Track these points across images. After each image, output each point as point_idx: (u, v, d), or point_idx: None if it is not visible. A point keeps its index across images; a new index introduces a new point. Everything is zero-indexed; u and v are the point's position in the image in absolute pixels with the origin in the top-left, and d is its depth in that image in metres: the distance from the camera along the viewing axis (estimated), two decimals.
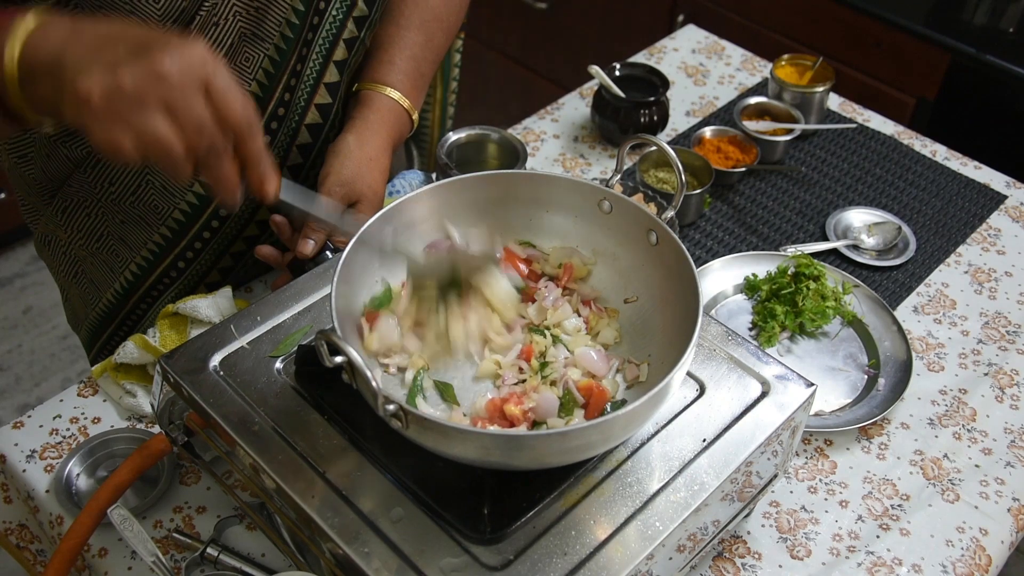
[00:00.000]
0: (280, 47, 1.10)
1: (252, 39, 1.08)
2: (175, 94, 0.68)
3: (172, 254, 1.22)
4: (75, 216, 1.23)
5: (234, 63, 1.08)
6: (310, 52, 1.14)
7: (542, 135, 1.62)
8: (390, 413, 0.73)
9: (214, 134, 0.70)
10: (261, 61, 1.10)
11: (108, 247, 1.23)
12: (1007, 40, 1.98)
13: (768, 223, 1.46)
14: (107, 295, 1.27)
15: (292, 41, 1.11)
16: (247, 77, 1.10)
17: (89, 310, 1.31)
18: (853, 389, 1.21)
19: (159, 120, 0.68)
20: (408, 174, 1.38)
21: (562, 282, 0.97)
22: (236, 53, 1.08)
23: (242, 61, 1.09)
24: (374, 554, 0.76)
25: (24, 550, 1.15)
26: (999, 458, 1.15)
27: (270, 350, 0.92)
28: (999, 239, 1.46)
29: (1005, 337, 1.30)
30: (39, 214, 1.29)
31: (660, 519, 0.80)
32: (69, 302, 1.38)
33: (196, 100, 0.69)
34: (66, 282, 1.34)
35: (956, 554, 1.05)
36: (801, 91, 1.59)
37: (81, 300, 1.32)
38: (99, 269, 1.26)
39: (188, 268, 1.24)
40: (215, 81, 0.70)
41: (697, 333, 0.79)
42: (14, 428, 1.11)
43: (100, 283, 1.27)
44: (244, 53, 1.08)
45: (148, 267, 1.23)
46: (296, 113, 1.17)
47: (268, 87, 1.12)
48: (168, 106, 0.68)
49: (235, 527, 1.01)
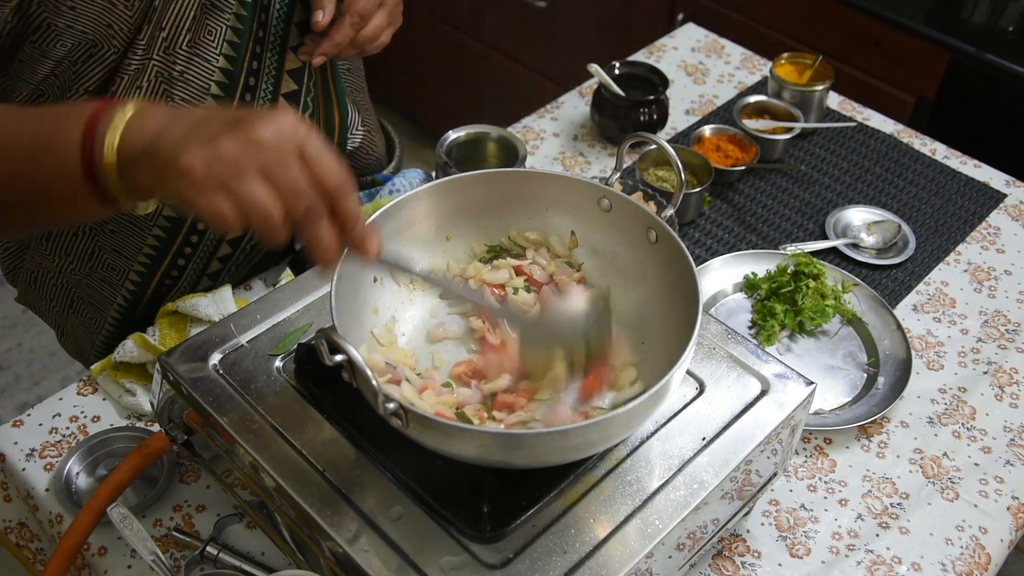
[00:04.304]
0: (240, 14, 1.10)
1: (212, 11, 1.09)
2: (271, 159, 0.69)
3: (171, 252, 1.21)
4: (62, 240, 1.22)
5: (199, 37, 1.08)
6: (268, 18, 1.13)
7: (542, 134, 1.62)
8: (390, 412, 0.73)
9: (311, 197, 0.71)
10: (224, 33, 1.10)
11: (102, 262, 1.22)
12: (1007, 39, 1.98)
13: (768, 222, 1.46)
14: (111, 313, 1.26)
15: (250, 6, 1.11)
16: (213, 52, 1.10)
17: (94, 336, 1.30)
18: (853, 388, 1.21)
19: (258, 186, 0.69)
20: (408, 172, 1.38)
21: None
22: (200, 27, 1.08)
23: (206, 35, 1.09)
24: (373, 552, 0.76)
25: (24, 549, 1.15)
26: (998, 456, 1.15)
27: (270, 348, 0.92)
28: (999, 238, 1.46)
29: (1004, 336, 1.30)
30: (21, 255, 1.27)
31: (660, 517, 0.80)
32: (68, 336, 1.36)
33: (292, 164, 0.70)
34: (61, 316, 1.32)
35: (955, 552, 1.05)
36: (801, 89, 1.59)
37: (83, 328, 1.30)
38: (96, 289, 1.25)
39: (188, 264, 1.23)
40: (308, 145, 0.71)
41: (697, 331, 0.79)
42: (14, 427, 1.11)
43: (101, 303, 1.26)
44: (207, 26, 1.09)
45: (148, 272, 1.22)
46: (269, 83, 1.16)
47: (235, 59, 1.12)
48: (265, 172, 0.69)
49: (235, 526, 1.02)
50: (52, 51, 1.02)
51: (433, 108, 3.23)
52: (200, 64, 1.09)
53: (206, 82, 1.10)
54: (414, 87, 3.22)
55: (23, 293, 1.34)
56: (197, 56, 1.09)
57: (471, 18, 2.92)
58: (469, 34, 2.96)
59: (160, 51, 1.06)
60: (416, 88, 3.22)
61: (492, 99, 3.05)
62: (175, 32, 1.06)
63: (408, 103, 3.29)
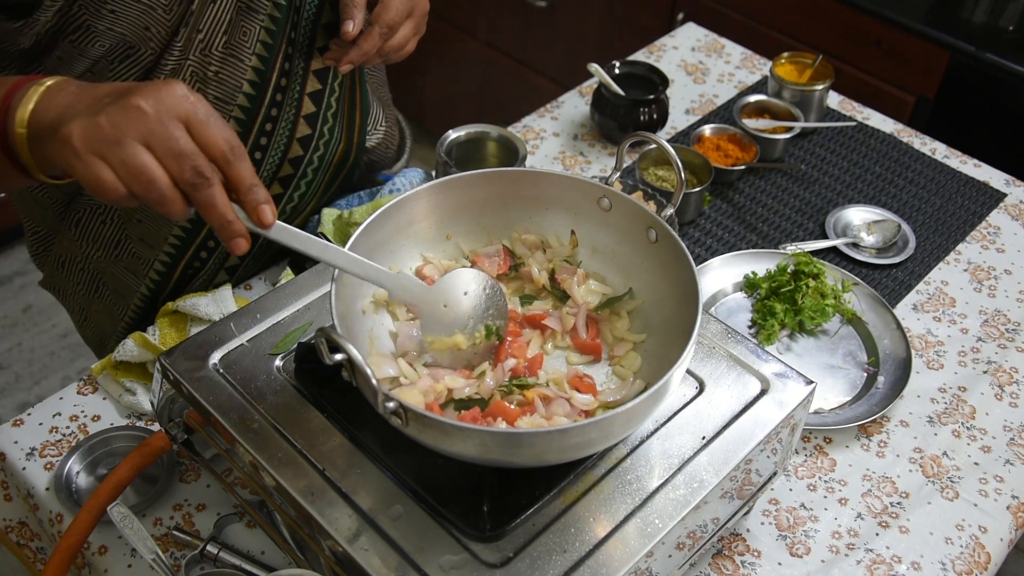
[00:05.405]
0: (274, 16, 1.11)
1: (247, 12, 1.10)
2: (152, 126, 0.70)
3: (194, 244, 1.22)
4: (90, 226, 1.23)
5: (234, 38, 1.10)
6: (300, 20, 1.15)
7: (542, 133, 1.62)
8: (390, 411, 0.73)
9: (197, 161, 0.72)
10: (258, 34, 1.12)
11: (128, 251, 1.24)
12: (1007, 38, 1.98)
13: (767, 221, 1.46)
14: (134, 301, 1.27)
15: (284, 8, 1.12)
16: (247, 52, 1.12)
17: (117, 323, 1.31)
18: (852, 387, 1.21)
19: (137, 151, 0.70)
20: (409, 172, 1.38)
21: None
22: (235, 28, 1.10)
23: (240, 36, 1.11)
24: (373, 551, 0.76)
25: (24, 548, 1.15)
26: (998, 456, 1.15)
27: (270, 348, 0.92)
28: (998, 237, 1.46)
29: (1004, 335, 1.30)
30: (50, 240, 1.29)
31: (659, 517, 0.80)
32: (90, 321, 1.37)
33: (175, 130, 0.71)
34: (86, 301, 1.33)
35: (955, 552, 1.05)
36: (801, 89, 1.59)
37: (107, 314, 1.32)
38: (121, 278, 1.27)
39: (211, 257, 1.25)
40: (194, 112, 0.72)
41: (696, 331, 0.79)
42: (14, 426, 1.11)
43: (125, 291, 1.28)
44: (242, 27, 1.10)
45: (172, 262, 1.24)
46: (296, 83, 1.18)
47: (268, 59, 1.13)
48: (146, 139, 0.70)
49: (235, 525, 1.02)
50: (90, 51, 1.03)
51: (433, 108, 3.23)
52: (234, 64, 1.11)
53: (239, 81, 1.12)
54: (414, 86, 3.22)
55: (49, 277, 1.36)
56: (232, 56, 1.11)
57: (471, 17, 2.92)
58: (469, 33, 2.96)
59: (197, 52, 1.08)
60: (416, 88, 3.22)
61: (492, 99, 3.05)
62: (211, 34, 1.08)
63: (408, 102, 3.29)
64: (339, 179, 1.33)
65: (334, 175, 1.31)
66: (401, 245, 0.95)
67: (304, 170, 1.25)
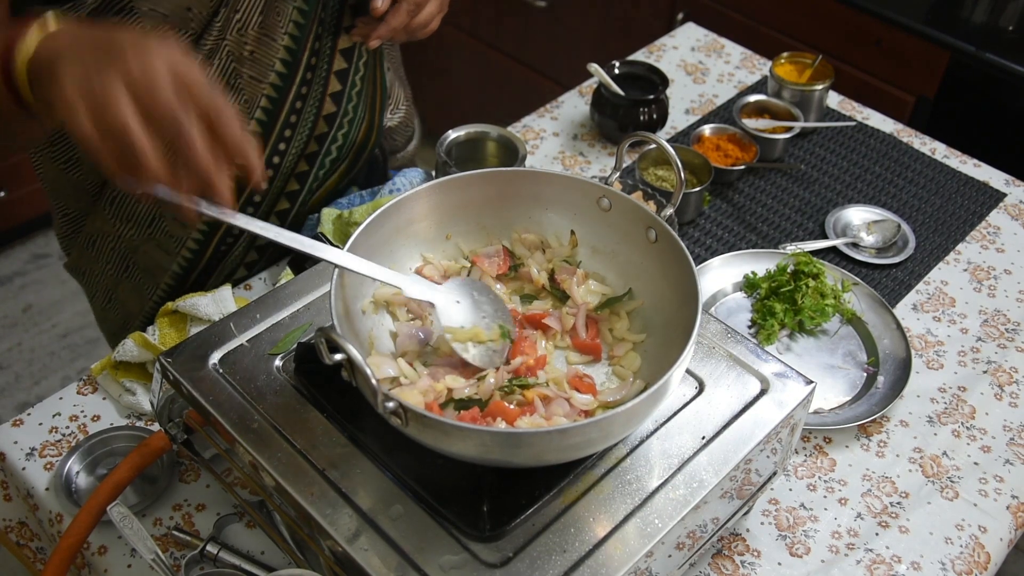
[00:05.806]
0: None
1: None
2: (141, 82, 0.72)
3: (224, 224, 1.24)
4: (125, 205, 1.25)
5: (269, 18, 1.13)
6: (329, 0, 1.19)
7: (541, 133, 1.62)
8: (389, 411, 0.73)
9: (184, 118, 0.72)
10: (291, 14, 1.15)
11: (161, 229, 1.26)
12: (1006, 38, 1.98)
13: (767, 221, 1.46)
14: (164, 279, 1.29)
15: None
16: (280, 32, 1.15)
17: (145, 302, 1.33)
18: (852, 387, 1.21)
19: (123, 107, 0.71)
20: (409, 172, 1.38)
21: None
22: (270, 8, 1.13)
23: (274, 16, 1.14)
24: (373, 551, 0.76)
25: (24, 548, 1.15)
26: (998, 456, 1.15)
27: (269, 348, 0.92)
28: (998, 237, 1.46)
29: (1004, 335, 1.30)
30: (81, 220, 1.30)
31: (659, 516, 0.80)
32: (115, 302, 1.37)
33: (159, 86, 0.72)
34: (114, 281, 1.34)
35: (955, 552, 1.05)
36: (800, 89, 1.59)
37: (135, 294, 1.33)
38: (153, 255, 1.28)
39: (242, 234, 1.27)
40: (183, 72, 0.73)
41: (696, 331, 0.79)
42: (14, 426, 1.11)
43: (155, 270, 1.29)
44: (276, 8, 1.14)
45: (205, 239, 1.26)
46: (324, 62, 1.22)
47: (299, 39, 1.17)
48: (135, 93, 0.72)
49: (234, 525, 1.02)
50: None
51: (433, 108, 3.23)
52: (268, 44, 1.14)
53: (271, 60, 1.15)
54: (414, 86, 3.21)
55: (76, 259, 1.37)
56: (266, 36, 1.14)
57: (471, 17, 2.92)
58: (469, 33, 2.96)
59: (234, 32, 1.11)
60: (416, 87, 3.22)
61: (492, 99, 3.05)
62: (248, 15, 1.11)
63: None
64: (361, 160, 1.37)
65: (356, 155, 1.35)
66: (401, 245, 0.95)
67: (328, 147, 1.29)
